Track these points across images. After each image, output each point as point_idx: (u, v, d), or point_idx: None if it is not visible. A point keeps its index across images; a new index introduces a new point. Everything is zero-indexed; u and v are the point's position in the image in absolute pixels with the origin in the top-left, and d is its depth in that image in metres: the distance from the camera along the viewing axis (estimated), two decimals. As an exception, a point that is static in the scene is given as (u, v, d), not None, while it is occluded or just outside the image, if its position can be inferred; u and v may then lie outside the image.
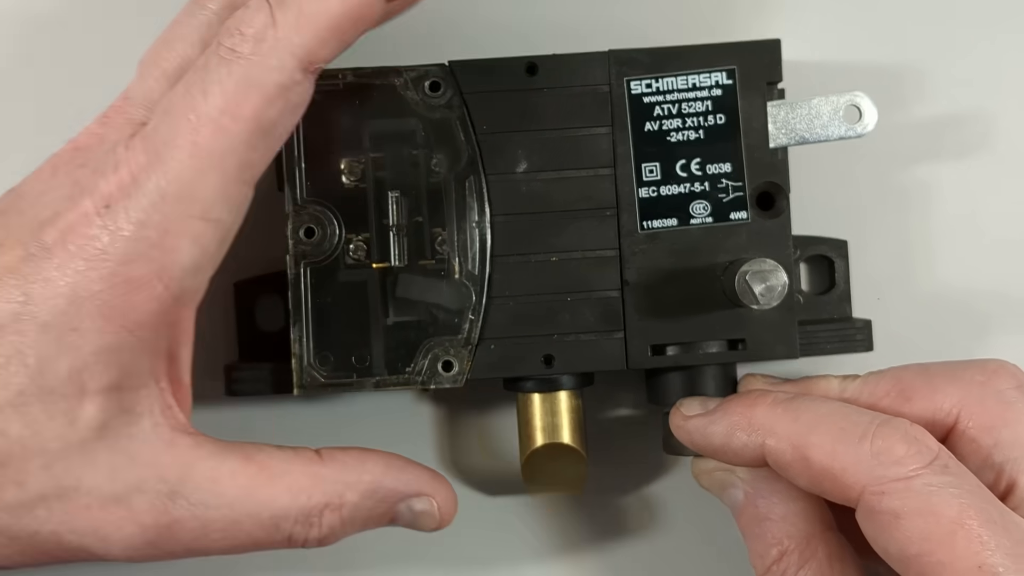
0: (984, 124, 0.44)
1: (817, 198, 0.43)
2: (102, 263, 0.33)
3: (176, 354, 0.35)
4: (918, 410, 0.36)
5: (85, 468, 0.33)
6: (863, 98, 0.39)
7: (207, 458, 0.34)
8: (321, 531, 0.35)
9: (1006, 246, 0.44)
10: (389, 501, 0.36)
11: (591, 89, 0.39)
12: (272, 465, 0.35)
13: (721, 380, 0.40)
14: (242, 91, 0.33)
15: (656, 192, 0.39)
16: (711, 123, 0.39)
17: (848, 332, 0.41)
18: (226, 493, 0.34)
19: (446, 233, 0.39)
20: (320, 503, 0.35)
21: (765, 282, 0.36)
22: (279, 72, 0.33)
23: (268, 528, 0.35)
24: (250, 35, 0.33)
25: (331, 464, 0.36)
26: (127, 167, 0.33)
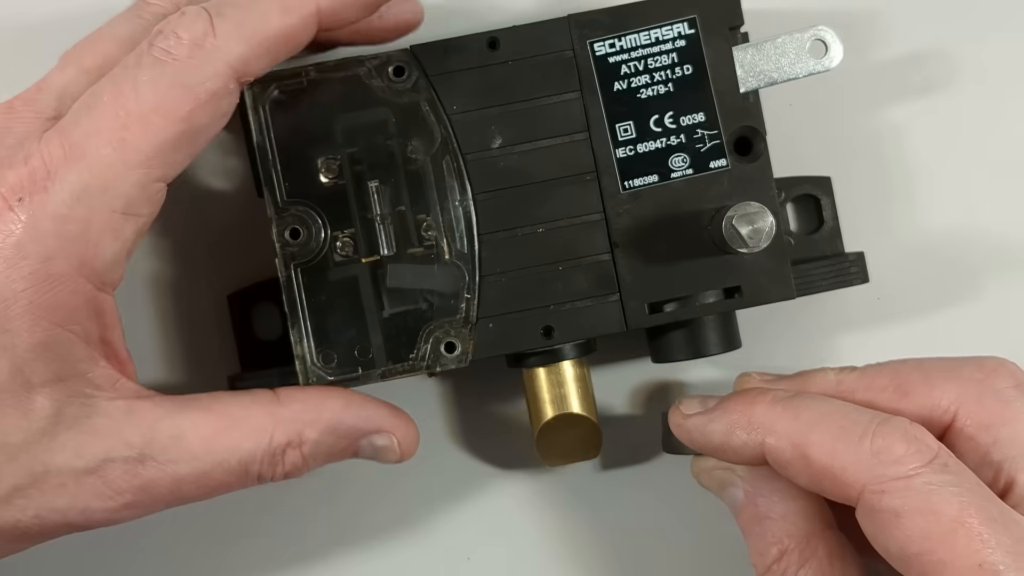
0: (944, 61, 0.44)
1: (793, 145, 0.43)
2: (22, 261, 0.33)
3: (108, 338, 0.35)
4: (915, 406, 0.36)
5: (51, 452, 0.34)
6: (827, 31, 0.39)
7: (167, 417, 0.35)
8: (285, 468, 0.36)
9: (983, 182, 0.44)
10: (350, 437, 0.37)
11: (555, 56, 0.39)
12: (231, 412, 0.36)
13: (722, 331, 0.40)
14: (176, 92, 0.33)
15: (633, 151, 0.39)
16: (679, 75, 0.39)
17: (843, 266, 0.41)
18: (192, 447, 0.35)
19: (430, 218, 0.39)
20: (282, 442, 0.36)
21: (752, 224, 0.36)
22: (214, 79, 0.34)
23: (237, 472, 0.35)
24: (187, 40, 0.34)
25: (289, 404, 0.36)
26: (40, 159, 0.33)
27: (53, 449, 0.34)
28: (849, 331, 0.44)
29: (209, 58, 0.34)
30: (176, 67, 0.33)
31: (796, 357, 0.44)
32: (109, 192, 0.33)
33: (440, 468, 0.44)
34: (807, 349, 0.44)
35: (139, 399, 0.35)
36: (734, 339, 0.40)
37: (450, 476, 0.44)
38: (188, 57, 0.33)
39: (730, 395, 0.37)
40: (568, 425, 0.40)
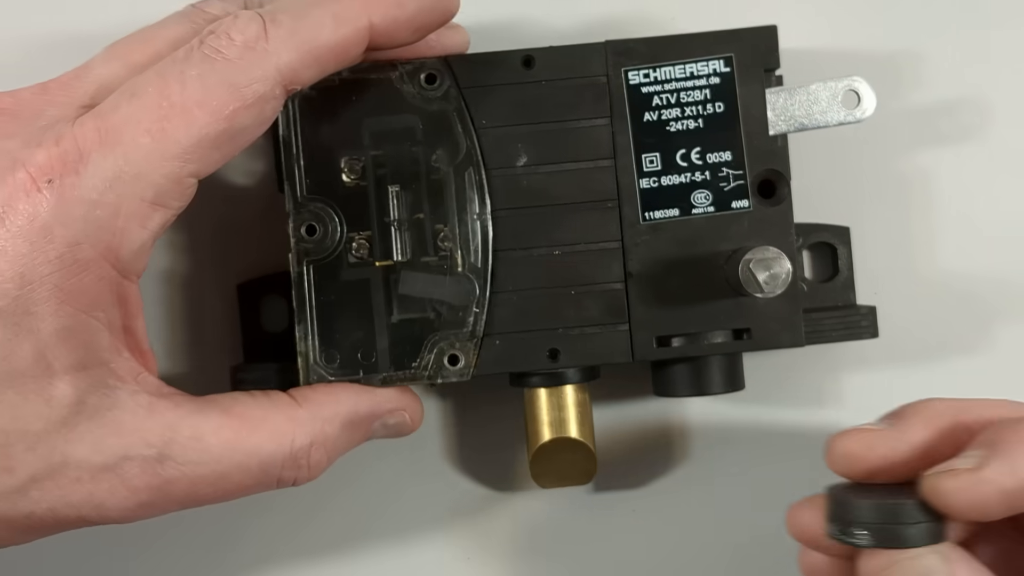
0: (981, 109, 0.44)
1: (817, 186, 0.43)
2: (48, 244, 0.32)
3: (131, 327, 0.35)
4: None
5: (70, 444, 0.33)
6: (861, 83, 0.39)
7: (187, 417, 0.34)
8: (310, 469, 0.36)
9: (1006, 232, 0.44)
10: (366, 424, 0.38)
11: (589, 80, 0.39)
12: (251, 414, 0.35)
13: (727, 371, 0.40)
14: (222, 90, 0.33)
15: (657, 182, 0.39)
16: (710, 111, 0.39)
17: (853, 319, 0.41)
18: (211, 449, 0.34)
19: (448, 229, 0.39)
20: (305, 444, 0.36)
21: (769, 270, 0.36)
22: (262, 82, 0.33)
23: (257, 475, 0.35)
24: (239, 41, 0.33)
25: (307, 404, 0.36)
26: (73, 141, 0.33)
27: (72, 440, 0.33)
28: (857, 374, 0.44)
29: (259, 61, 0.33)
30: (225, 66, 0.33)
31: (800, 400, 0.44)
32: (142, 181, 0.33)
33: (438, 475, 0.44)
34: (812, 392, 0.44)
35: (160, 396, 0.35)
36: (738, 380, 0.40)
37: (446, 486, 0.44)
38: (238, 58, 0.33)
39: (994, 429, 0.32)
40: (564, 449, 0.40)
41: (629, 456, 0.44)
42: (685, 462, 0.44)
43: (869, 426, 0.34)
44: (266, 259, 0.42)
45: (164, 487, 0.34)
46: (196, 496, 0.35)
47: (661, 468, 0.44)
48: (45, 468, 0.33)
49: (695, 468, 0.43)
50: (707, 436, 0.44)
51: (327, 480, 0.39)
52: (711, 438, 0.44)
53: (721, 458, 0.43)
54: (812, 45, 0.43)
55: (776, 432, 0.43)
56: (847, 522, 0.32)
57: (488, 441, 0.44)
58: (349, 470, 0.43)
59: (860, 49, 0.44)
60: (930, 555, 0.31)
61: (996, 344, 0.44)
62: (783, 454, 0.43)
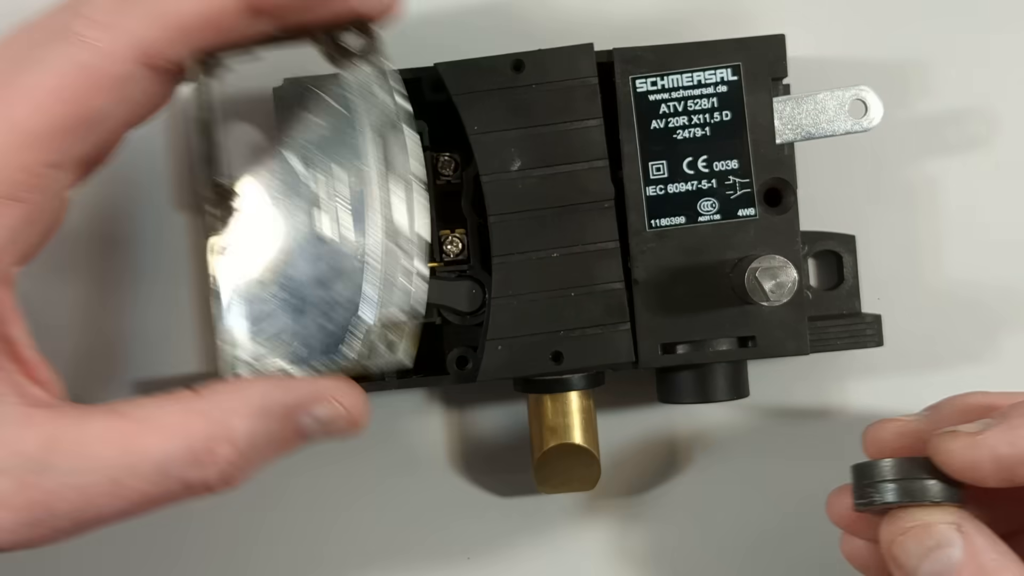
0: (989, 118, 0.44)
1: (822, 194, 0.43)
2: None
3: (8, 335, 0.32)
4: None
5: None
6: (868, 92, 0.39)
7: (71, 425, 0.31)
8: (219, 468, 0.31)
9: (1012, 241, 0.44)
10: (287, 417, 0.32)
11: (579, 82, 0.38)
12: (142, 414, 0.31)
13: (732, 378, 0.40)
14: (72, 74, 0.31)
15: (663, 190, 0.39)
16: (717, 120, 0.39)
17: (858, 327, 0.41)
18: (98, 454, 0.31)
19: (454, 235, 0.39)
20: (202, 438, 0.31)
21: (775, 279, 0.36)
22: (116, 63, 0.31)
23: (155, 479, 0.31)
24: (91, 18, 0.31)
25: (209, 396, 0.32)
26: None
27: None
28: (862, 382, 0.44)
29: (113, 40, 0.31)
30: (76, 47, 0.30)
31: (805, 408, 0.44)
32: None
33: (443, 480, 0.44)
34: (817, 400, 0.44)
35: (39, 406, 0.31)
36: (743, 388, 0.40)
37: (451, 490, 0.44)
38: (86, 36, 0.30)
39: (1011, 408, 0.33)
40: (568, 455, 0.40)
41: (633, 463, 0.44)
42: (689, 469, 0.44)
43: (905, 418, 0.36)
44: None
45: (48, 501, 0.30)
46: (92, 510, 0.31)
47: (665, 475, 0.44)
48: None
49: (699, 475, 0.44)
50: (711, 443, 0.44)
51: (329, 481, 0.39)
52: (715, 445, 0.44)
53: (725, 466, 0.43)
54: (820, 53, 0.43)
55: (781, 440, 0.43)
56: (870, 484, 0.34)
57: (492, 446, 0.44)
58: (352, 473, 0.43)
59: (867, 58, 0.44)
60: (945, 525, 0.32)
61: (1002, 352, 0.44)
62: (788, 462, 0.43)
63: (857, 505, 0.34)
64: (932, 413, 0.36)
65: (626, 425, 0.44)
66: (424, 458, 0.43)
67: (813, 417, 0.44)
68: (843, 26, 0.44)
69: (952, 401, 0.36)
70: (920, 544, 0.32)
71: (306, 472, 0.43)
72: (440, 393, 0.43)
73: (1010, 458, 0.32)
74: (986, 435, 0.32)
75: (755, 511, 0.43)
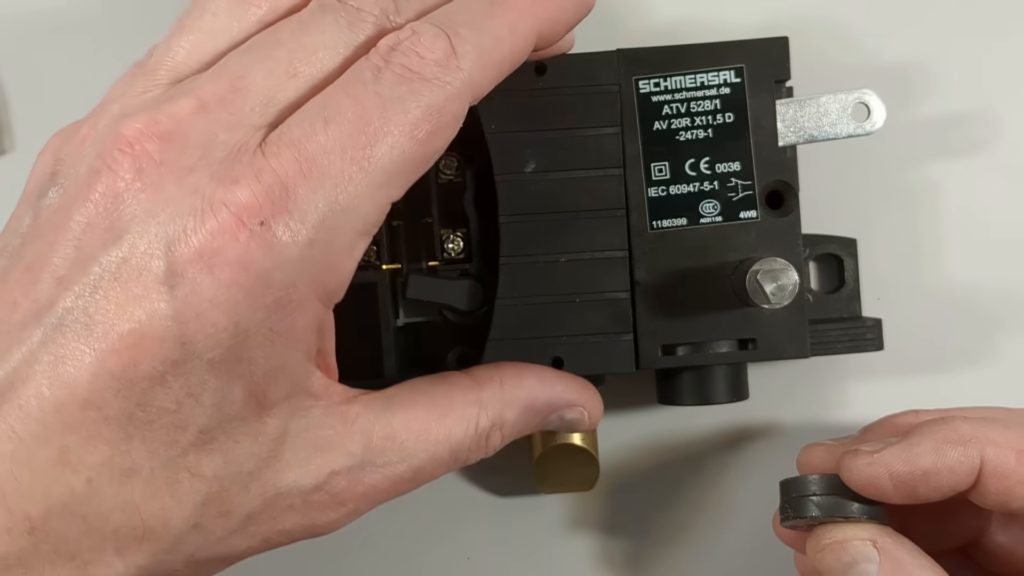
0: (992, 122, 0.44)
1: (824, 196, 0.43)
2: (265, 290, 0.30)
3: (324, 350, 0.34)
4: None
5: (279, 474, 0.32)
6: (871, 95, 0.39)
7: (379, 418, 0.34)
8: (487, 449, 0.36)
9: (1013, 245, 0.44)
10: (544, 413, 0.37)
11: (600, 89, 0.38)
12: (436, 403, 0.35)
13: (732, 380, 0.40)
14: (421, 112, 0.31)
15: (665, 191, 0.39)
16: (720, 122, 0.39)
17: (859, 331, 0.41)
18: (406, 446, 0.34)
19: (455, 234, 0.39)
20: (486, 427, 0.35)
21: (776, 281, 0.36)
22: (457, 102, 0.32)
23: (447, 462, 0.35)
24: (431, 60, 0.31)
25: (489, 387, 0.36)
26: (275, 176, 0.30)
27: (280, 470, 0.32)
28: (862, 385, 0.44)
29: (453, 79, 0.31)
30: (422, 87, 0.31)
31: (805, 411, 0.44)
32: (352, 213, 0.31)
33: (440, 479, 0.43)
34: (816, 402, 0.44)
35: (350, 404, 0.34)
36: (742, 390, 0.40)
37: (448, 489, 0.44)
38: (434, 78, 0.31)
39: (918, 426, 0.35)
40: (567, 455, 0.40)
41: (632, 464, 0.44)
42: (688, 471, 0.44)
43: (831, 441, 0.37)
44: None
45: (368, 492, 0.34)
46: (396, 492, 0.34)
47: (663, 476, 0.44)
48: (260, 504, 0.32)
49: (698, 477, 0.44)
50: (711, 445, 0.44)
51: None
52: (715, 447, 0.44)
53: (724, 468, 0.44)
54: (823, 56, 0.43)
55: (780, 443, 0.43)
56: (793, 499, 0.35)
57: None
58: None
59: (869, 60, 0.44)
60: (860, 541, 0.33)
61: (1002, 356, 0.44)
62: (787, 465, 0.43)
63: (781, 520, 0.35)
64: (863, 433, 0.37)
65: (625, 426, 0.44)
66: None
67: (813, 420, 0.44)
68: (845, 28, 0.44)
69: (885, 421, 0.38)
70: (838, 560, 0.33)
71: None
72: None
73: (906, 475, 0.33)
74: (883, 453, 0.33)
75: (753, 514, 0.43)
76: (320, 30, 0.32)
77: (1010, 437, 0.33)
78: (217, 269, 0.29)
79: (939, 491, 0.34)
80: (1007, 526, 0.37)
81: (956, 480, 0.33)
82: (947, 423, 0.34)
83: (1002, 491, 0.33)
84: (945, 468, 0.33)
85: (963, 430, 0.33)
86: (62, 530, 0.30)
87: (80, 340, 0.29)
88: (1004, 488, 0.33)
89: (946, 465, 0.33)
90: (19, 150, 0.43)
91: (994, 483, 0.33)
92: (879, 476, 0.33)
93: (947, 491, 0.34)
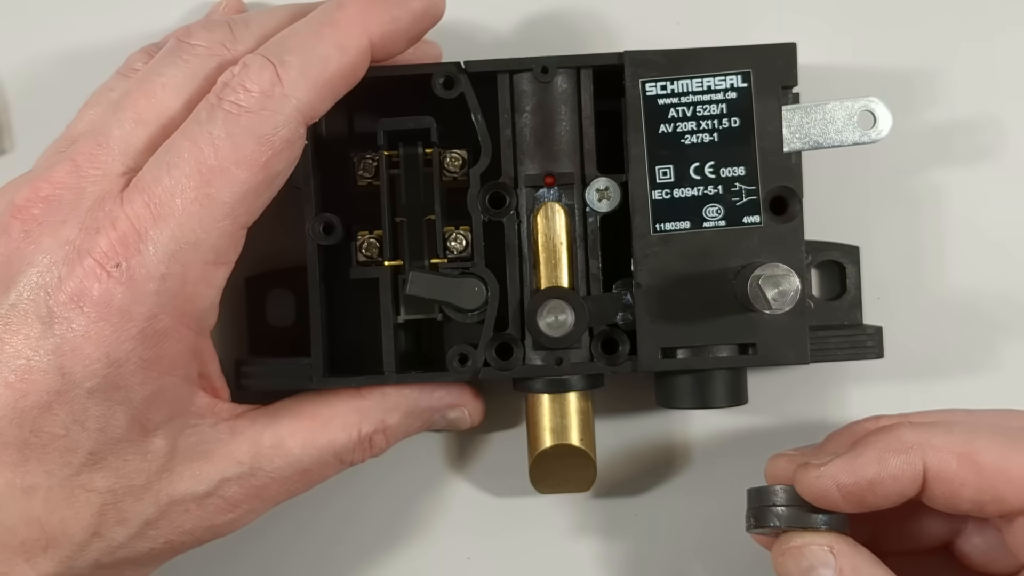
0: (995, 129, 0.44)
1: (827, 202, 0.43)
2: (128, 323, 0.34)
3: (206, 373, 0.37)
4: None
5: (172, 484, 0.36)
6: (878, 104, 0.39)
7: (266, 429, 0.37)
8: (372, 451, 0.39)
9: (1016, 251, 0.44)
10: (425, 416, 0.40)
11: (606, 90, 0.39)
12: (321, 413, 0.38)
13: (731, 385, 0.40)
14: (253, 144, 0.34)
15: (669, 194, 0.39)
16: (725, 126, 0.39)
17: (859, 339, 0.41)
18: (293, 451, 0.37)
19: (458, 231, 0.39)
20: (368, 432, 0.39)
21: (778, 287, 0.36)
22: (286, 128, 0.34)
23: (334, 464, 0.38)
24: (256, 92, 0.34)
25: (371, 396, 0.39)
26: (128, 222, 0.34)
27: (173, 482, 0.36)
28: (862, 391, 0.44)
29: (280, 107, 0.34)
30: (249, 119, 0.34)
31: (804, 416, 0.44)
32: (201, 246, 0.34)
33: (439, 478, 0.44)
34: (816, 408, 0.44)
35: (238, 418, 0.37)
36: (742, 395, 0.40)
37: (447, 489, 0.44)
38: (260, 109, 0.34)
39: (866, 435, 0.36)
40: (565, 456, 0.40)
41: (630, 466, 0.44)
42: (685, 474, 0.44)
43: (794, 451, 0.38)
44: (275, 253, 0.42)
45: (260, 494, 0.37)
46: (288, 492, 0.38)
47: (661, 479, 0.44)
48: (155, 511, 0.36)
49: (695, 481, 0.44)
50: (709, 449, 0.44)
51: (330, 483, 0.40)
52: (713, 451, 0.44)
53: (722, 471, 0.43)
54: (829, 62, 0.43)
55: (779, 448, 0.43)
56: (755, 508, 0.36)
57: (489, 445, 0.44)
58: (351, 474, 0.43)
59: (875, 66, 0.44)
60: (817, 546, 0.35)
61: (1002, 362, 0.44)
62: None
63: (747, 528, 0.37)
64: (826, 440, 0.39)
65: (624, 428, 0.44)
66: (421, 456, 0.43)
67: (812, 426, 0.44)
68: (852, 35, 0.44)
69: (847, 428, 0.39)
70: (796, 565, 0.35)
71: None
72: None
73: (852, 486, 0.35)
74: (829, 466, 0.35)
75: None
76: (160, 72, 0.36)
77: (951, 441, 0.34)
78: (86, 308, 0.33)
79: (887, 499, 0.35)
80: (982, 527, 0.38)
81: (902, 487, 0.34)
82: (892, 431, 0.35)
83: (948, 495, 0.34)
84: (889, 476, 0.34)
85: (906, 437, 0.35)
86: None
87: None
88: (949, 492, 0.34)
89: (889, 474, 0.34)
90: (19, 150, 0.43)
91: (939, 488, 0.34)
92: (827, 488, 0.35)
93: (895, 498, 0.35)
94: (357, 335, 0.41)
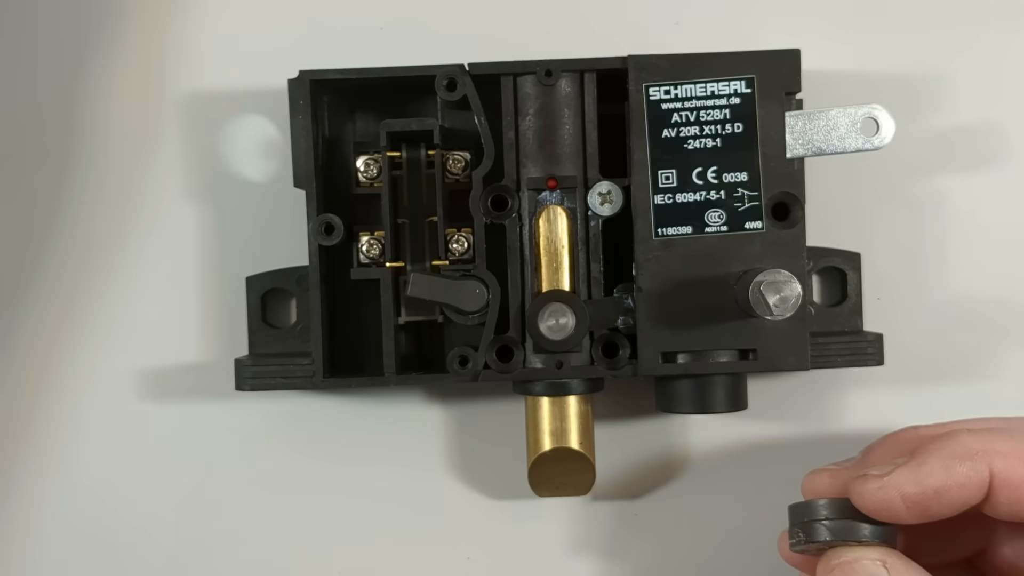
0: (998, 136, 0.44)
1: (828, 208, 0.43)
2: None
3: None
4: None
5: None
6: (881, 111, 0.39)
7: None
8: None
9: (1018, 258, 0.44)
10: None
11: (610, 93, 0.39)
12: None
13: (731, 390, 0.40)
14: None
15: (672, 199, 0.39)
16: (728, 131, 0.39)
17: (859, 345, 0.41)
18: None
19: (460, 234, 0.39)
20: None
21: (779, 293, 0.36)
22: None
23: None
24: None
25: None
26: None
27: None
28: (863, 397, 0.44)
29: None
30: None
31: (804, 421, 0.44)
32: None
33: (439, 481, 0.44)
34: (815, 414, 0.44)
35: None
36: (742, 400, 0.40)
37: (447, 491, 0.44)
38: None
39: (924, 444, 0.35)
40: (564, 459, 0.40)
41: (629, 470, 0.44)
42: (684, 479, 0.44)
43: (835, 466, 0.37)
44: (274, 253, 0.42)
45: None
46: None
47: (660, 484, 0.44)
48: None
49: (694, 485, 0.44)
50: (708, 454, 0.44)
51: (327, 482, 0.40)
52: (712, 456, 0.44)
53: (721, 477, 0.43)
54: (832, 68, 0.43)
55: (778, 454, 0.43)
56: (802, 524, 0.35)
57: (489, 448, 0.44)
58: (352, 474, 0.43)
59: (878, 72, 0.44)
60: (869, 561, 0.34)
61: (1004, 368, 0.44)
62: (785, 476, 0.43)
63: (791, 545, 0.35)
64: (865, 455, 0.38)
65: (624, 432, 0.44)
66: (422, 457, 0.43)
67: (811, 431, 0.44)
68: (856, 41, 0.44)
69: (885, 441, 0.38)
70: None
71: (304, 472, 0.43)
72: (439, 392, 0.43)
73: (917, 496, 0.33)
74: (893, 476, 0.34)
75: (749, 524, 0.43)
76: None
77: (1016, 447, 0.33)
78: None
79: (952, 507, 0.34)
80: (1011, 538, 0.37)
81: (967, 495, 0.33)
82: (952, 438, 0.34)
83: (1014, 502, 0.33)
84: (956, 485, 0.33)
85: (969, 444, 0.34)
86: None
87: None
88: (1016, 499, 0.33)
89: (956, 482, 0.33)
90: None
91: (1005, 494, 0.33)
92: (891, 499, 0.34)
93: (959, 507, 0.34)
94: (357, 336, 0.41)
